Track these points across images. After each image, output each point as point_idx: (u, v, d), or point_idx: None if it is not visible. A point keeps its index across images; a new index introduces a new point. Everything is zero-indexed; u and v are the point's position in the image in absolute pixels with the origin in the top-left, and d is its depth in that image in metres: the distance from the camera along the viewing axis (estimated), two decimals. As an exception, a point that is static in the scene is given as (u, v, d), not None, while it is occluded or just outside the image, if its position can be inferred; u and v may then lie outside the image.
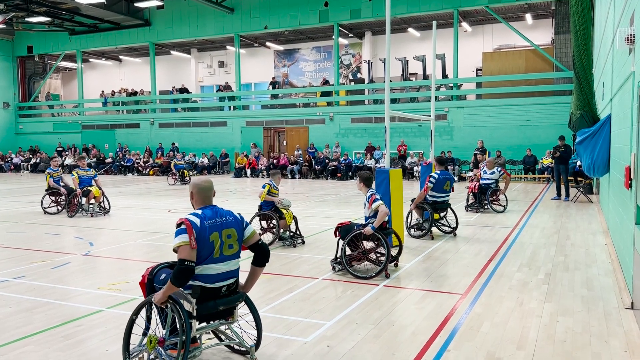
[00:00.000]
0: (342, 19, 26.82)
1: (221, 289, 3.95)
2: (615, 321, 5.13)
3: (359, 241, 6.98)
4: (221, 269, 3.90)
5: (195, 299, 3.84)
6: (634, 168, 5.56)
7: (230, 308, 4.08)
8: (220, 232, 3.89)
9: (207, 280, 3.86)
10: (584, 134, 9.93)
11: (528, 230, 10.29)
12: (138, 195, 17.74)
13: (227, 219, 3.98)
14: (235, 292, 4.10)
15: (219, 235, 3.86)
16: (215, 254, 3.84)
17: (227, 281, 3.97)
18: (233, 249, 3.96)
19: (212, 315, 4.01)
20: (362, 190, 7.23)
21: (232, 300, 4.03)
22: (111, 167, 29.75)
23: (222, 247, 3.88)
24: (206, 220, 3.85)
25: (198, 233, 3.77)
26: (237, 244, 3.99)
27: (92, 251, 8.54)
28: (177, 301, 3.79)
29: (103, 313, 5.41)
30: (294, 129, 28.60)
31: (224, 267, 3.92)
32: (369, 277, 6.68)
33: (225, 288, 3.97)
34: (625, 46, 5.66)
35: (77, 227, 11.10)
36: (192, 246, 3.72)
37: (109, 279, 6.75)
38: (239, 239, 4.01)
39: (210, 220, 3.88)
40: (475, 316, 5.29)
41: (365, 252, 7.01)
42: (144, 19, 31.01)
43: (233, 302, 4.05)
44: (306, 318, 5.24)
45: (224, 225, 3.93)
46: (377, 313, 5.38)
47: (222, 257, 3.89)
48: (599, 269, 7.22)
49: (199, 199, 4.05)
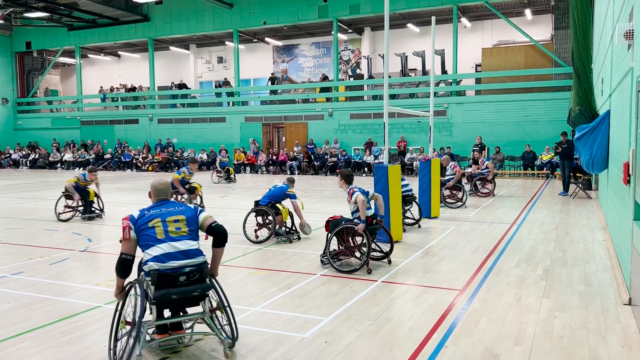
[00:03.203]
0: (342, 14, 26.75)
1: (179, 278, 4.01)
2: (613, 317, 5.13)
3: (348, 236, 7.00)
4: (168, 249, 4.05)
5: (154, 286, 4.00)
6: (632, 164, 5.55)
7: (189, 298, 4.11)
8: (164, 219, 4.16)
9: (158, 260, 4.01)
10: (583, 129, 9.92)
11: (526, 226, 10.29)
12: (137, 191, 17.71)
13: (176, 208, 4.27)
14: (200, 282, 4.12)
15: (160, 221, 4.13)
16: (159, 236, 4.08)
17: (185, 268, 4.03)
18: (181, 231, 4.15)
19: (169, 303, 4.09)
20: (343, 187, 7.32)
21: (187, 291, 4.04)
22: (110, 163, 29.72)
23: (166, 230, 4.11)
24: (147, 211, 4.23)
25: (137, 223, 4.15)
26: (185, 226, 4.18)
27: (91, 247, 8.53)
28: (137, 285, 4.15)
29: (101, 309, 5.41)
30: (293, 124, 28.56)
31: (173, 247, 4.06)
32: (352, 270, 6.73)
33: (184, 277, 4.03)
34: (625, 42, 5.64)
35: (76, 223, 11.10)
36: (125, 237, 4.09)
37: (107, 275, 6.74)
38: (188, 223, 4.20)
39: (152, 210, 4.24)
40: (473, 312, 5.29)
41: (348, 247, 7.03)
42: (142, 14, 30.91)
43: (189, 292, 4.04)
44: (304, 314, 5.24)
45: (169, 213, 4.21)
46: (375, 309, 5.38)
47: (168, 238, 4.09)
48: (597, 265, 7.22)
49: (154, 198, 4.44)
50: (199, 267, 4.10)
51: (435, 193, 11.35)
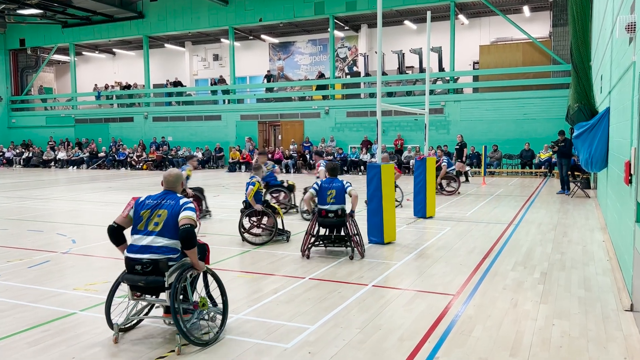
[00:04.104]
0: (338, 11, 26.47)
1: (135, 267, 4.35)
2: (614, 324, 4.87)
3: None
4: (137, 242, 4.40)
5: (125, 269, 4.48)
6: (634, 163, 5.29)
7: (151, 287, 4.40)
8: (153, 210, 4.45)
9: (128, 248, 4.46)
10: (582, 127, 9.66)
11: (524, 227, 10.03)
12: (128, 190, 17.43)
13: (168, 202, 4.49)
14: (154, 275, 4.34)
15: (149, 213, 4.45)
16: (139, 227, 4.43)
17: (140, 258, 4.33)
18: (157, 227, 4.39)
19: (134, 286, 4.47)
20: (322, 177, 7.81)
21: (134, 279, 4.39)
22: (104, 162, 29.41)
23: (147, 222, 4.42)
24: (149, 199, 4.55)
25: (136, 207, 4.53)
26: (162, 224, 4.39)
27: (74, 249, 8.25)
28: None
29: (75, 317, 5.13)
30: (289, 122, 28.29)
31: (140, 240, 4.39)
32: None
33: (139, 267, 4.33)
34: (626, 35, 5.38)
35: (62, 223, 10.82)
36: (123, 213, 4.56)
37: (86, 279, 6.47)
38: (167, 221, 4.38)
39: (151, 199, 4.54)
40: (467, 319, 5.03)
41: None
42: (137, 11, 30.59)
43: (135, 280, 4.39)
44: (289, 321, 4.97)
45: (159, 206, 4.47)
46: (363, 316, 5.12)
47: (144, 231, 4.41)
48: (597, 267, 6.97)
49: (163, 185, 4.74)
50: (153, 261, 4.33)
51: (430, 192, 11.08)
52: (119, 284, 4.56)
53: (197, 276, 4.74)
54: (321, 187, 7.59)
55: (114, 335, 4.51)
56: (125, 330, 4.69)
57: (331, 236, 7.74)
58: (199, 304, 4.55)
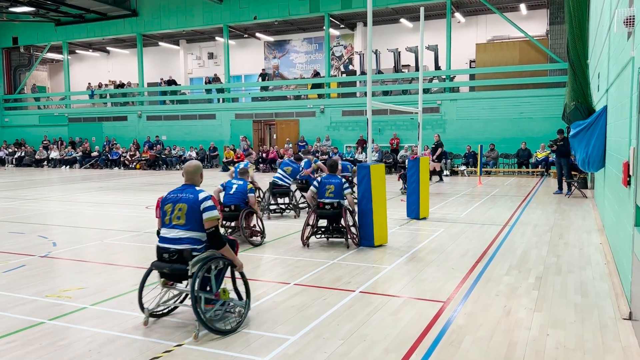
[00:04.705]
0: (333, 9, 26.17)
1: (163, 255, 4.67)
2: (611, 334, 4.62)
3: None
4: (165, 234, 4.71)
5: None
6: (633, 164, 5.04)
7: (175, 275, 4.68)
8: (174, 204, 4.69)
9: (159, 239, 4.78)
10: (579, 126, 9.40)
11: (519, 228, 9.78)
12: (119, 190, 17.14)
13: (186, 196, 4.69)
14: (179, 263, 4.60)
15: (172, 207, 4.70)
16: (166, 220, 4.72)
17: (167, 248, 4.65)
18: (180, 220, 4.65)
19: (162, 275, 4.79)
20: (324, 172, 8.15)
21: (174, 268, 4.63)
22: (97, 161, 29.09)
23: (171, 216, 4.68)
24: (170, 194, 4.80)
25: (161, 204, 4.81)
26: (184, 217, 4.63)
27: (53, 252, 7.97)
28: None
29: (43, 326, 4.85)
30: (284, 121, 28.00)
31: (167, 233, 4.69)
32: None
33: (167, 255, 4.63)
34: (624, 29, 5.12)
35: (46, 224, 10.53)
36: (156, 216, 4.92)
37: (62, 285, 6.20)
38: (188, 214, 4.62)
39: (172, 194, 4.78)
40: (456, 329, 4.77)
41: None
42: (130, 9, 30.26)
43: (174, 270, 4.64)
44: (268, 332, 4.70)
45: (180, 200, 4.69)
46: (348, 325, 4.85)
47: (170, 225, 4.68)
48: (594, 271, 6.72)
49: (184, 178, 4.91)
50: (178, 251, 4.61)
51: (424, 193, 10.82)
52: (150, 271, 4.86)
53: (222, 269, 4.89)
54: (321, 183, 8.20)
55: (144, 319, 4.82)
56: (158, 316, 4.98)
57: (329, 227, 8.32)
58: (220, 294, 4.76)
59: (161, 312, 5.01)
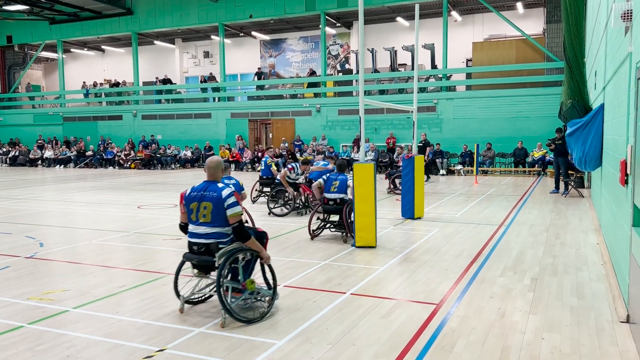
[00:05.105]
0: (329, 7, 26.00)
1: (193, 246, 4.97)
2: (608, 338, 4.48)
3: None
4: (193, 230, 4.98)
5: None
6: (630, 162, 4.90)
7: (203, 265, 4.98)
8: (199, 203, 4.90)
9: (188, 235, 5.05)
10: (575, 124, 9.27)
11: (515, 228, 9.64)
12: (112, 190, 16.96)
13: (210, 194, 4.90)
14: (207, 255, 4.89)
15: (197, 205, 4.91)
16: (192, 217, 4.96)
17: (197, 241, 4.94)
18: (206, 218, 4.89)
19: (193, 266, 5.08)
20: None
21: (202, 260, 4.93)
22: (92, 160, 28.88)
23: (197, 214, 4.91)
24: (193, 192, 5.01)
25: (185, 201, 5.03)
26: (210, 215, 4.87)
27: (40, 253, 7.80)
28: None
29: (22, 330, 4.69)
30: (280, 120, 27.84)
31: (195, 229, 4.96)
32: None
33: (196, 247, 4.95)
34: (622, 23, 4.98)
35: (34, 225, 10.35)
36: (180, 211, 5.15)
37: (45, 287, 6.03)
38: (214, 212, 4.85)
39: (195, 192, 4.98)
40: (449, 332, 4.62)
41: None
42: (126, 7, 30.05)
43: (202, 261, 4.94)
44: (255, 336, 4.55)
45: (204, 198, 4.90)
46: (337, 329, 4.70)
47: (196, 222, 4.94)
48: (591, 272, 6.58)
49: (206, 174, 5.12)
50: (205, 245, 4.90)
51: (418, 192, 10.67)
52: (183, 262, 5.16)
53: (250, 260, 5.13)
54: (328, 178, 8.71)
55: (180, 305, 5.11)
56: (194, 303, 5.31)
57: (334, 221, 8.76)
58: (247, 284, 4.95)
59: (196, 300, 5.35)
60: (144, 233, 9.45)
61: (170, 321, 4.91)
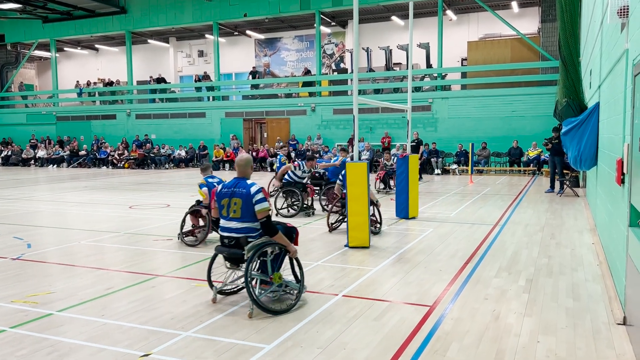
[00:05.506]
0: (324, 6, 25.90)
1: (225, 239, 5.24)
2: (605, 341, 4.38)
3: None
4: (225, 224, 5.24)
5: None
6: (627, 161, 4.80)
7: (233, 258, 5.23)
8: (230, 199, 5.16)
9: (220, 229, 5.32)
10: (570, 123, 9.19)
11: (510, 228, 9.55)
12: (104, 190, 16.80)
13: (240, 190, 5.14)
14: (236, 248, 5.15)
15: (228, 201, 5.17)
16: (223, 213, 5.22)
17: (228, 235, 5.20)
18: (236, 214, 5.15)
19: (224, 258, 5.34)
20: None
21: (231, 252, 5.19)
22: (85, 160, 28.68)
23: (228, 210, 5.17)
24: (224, 188, 5.28)
25: (217, 197, 5.33)
26: (240, 211, 5.11)
27: (27, 254, 7.65)
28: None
29: (3, 335, 4.55)
30: (274, 120, 27.72)
31: (226, 224, 5.22)
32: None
33: (226, 240, 5.21)
34: (618, 20, 4.89)
35: (24, 225, 10.20)
36: (212, 207, 5.59)
37: (30, 289, 5.89)
38: (243, 208, 5.09)
39: (226, 188, 5.26)
40: (442, 335, 4.51)
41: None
42: (119, 6, 29.87)
43: (232, 254, 5.20)
44: (243, 340, 4.43)
45: (234, 194, 5.15)
46: (328, 332, 4.59)
47: (227, 217, 5.19)
48: (586, 273, 6.49)
49: (237, 171, 5.40)
50: (235, 238, 5.16)
51: (413, 192, 10.57)
52: (216, 255, 5.44)
53: (279, 254, 5.35)
54: (344, 175, 8.72)
55: (213, 296, 5.38)
56: (227, 293, 5.57)
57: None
58: (274, 277, 5.18)
59: (229, 291, 5.59)
60: (135, 234, 9.31)
61: (157, 324, 4.78)
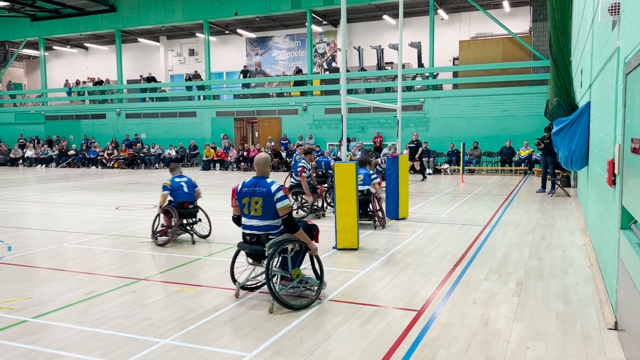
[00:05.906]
0: (315, 5, 25.74)
1: (246, 236, 5.40)
2: (596, 347, 4.27)
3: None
4: (246, 222, 5.38)
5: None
6: (618, 162, 4.69)
7: (254, 254, 5.40)
8: (250, 198, 5.27)
9: (242, 226, 5.46)
10: (561, 123, 9.10)
11: (501, 229, 9.45)
12: (92, 190, 16.57)
13: (260, 189, 5.25)
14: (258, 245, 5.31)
15: (248, 200, 5.28)
16: (244, 211, 5.35)
17: (250, 232, 5.36)
18: (257, 212, 5.27)
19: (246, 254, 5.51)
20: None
21: (253, 249, 5.35)
22: (74, 160, 28.37)
23: (249, 208, 5.29)
24: (244, 187, 5.37)
25: (237, 196, 5.42)
26: (261, 209, 5.23)
27: (6, 257, 7.45)
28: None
29: (-27, 343, 4.39)
30: (266, 119, 27.53)
31: (248, 222, 5.37)
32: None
33: (248, 237, 5.38)
34: (609, 17, 4.78)
35: (5, 227, 9.97)
36: (232, 205, 5.53)
37: (7, 294, 5.71)
38: (264, 206, 5.21)
39: (246, 187, 5.34)
40: (429, 342, 4.38)
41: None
42: (109, 4, 29.55)
43: (244, 247, 5.43)
44: (223, 348, 4.28)
45: (255, 193, 5.26)
46: (311, 339, 4.45)
47: (249, 215, 5.33)
48: (577, 275, 6.38)
49: (255, 170, 5.49)
50: (257, 235, 5.31)
51: (403, 192, 10.45)
52: (239, 251, 5.62)
53: (299, 251, 5.47)
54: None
55: (236, 291, 5.55)
56: (249, 289, 5.71)
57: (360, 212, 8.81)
58: (294, 274, 5.29)
59: (251, 286, 5.72)
60: (120, 235, 9.13)
61: (136, 332, 4.62)
